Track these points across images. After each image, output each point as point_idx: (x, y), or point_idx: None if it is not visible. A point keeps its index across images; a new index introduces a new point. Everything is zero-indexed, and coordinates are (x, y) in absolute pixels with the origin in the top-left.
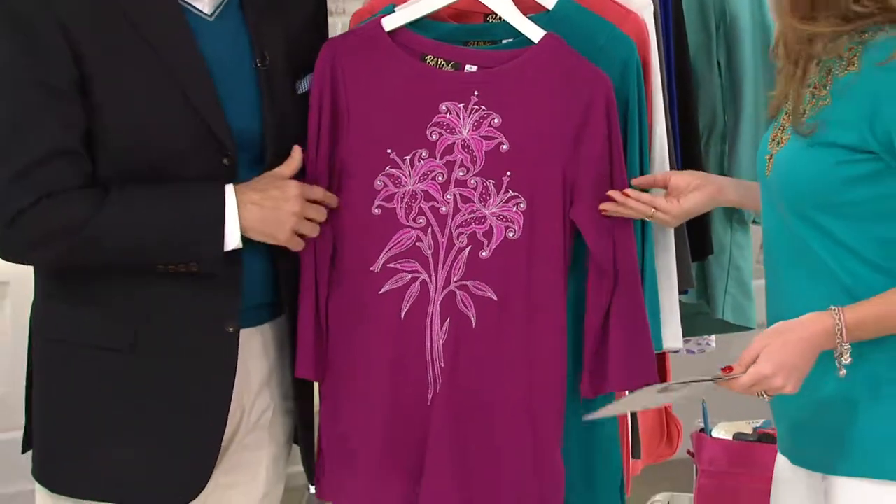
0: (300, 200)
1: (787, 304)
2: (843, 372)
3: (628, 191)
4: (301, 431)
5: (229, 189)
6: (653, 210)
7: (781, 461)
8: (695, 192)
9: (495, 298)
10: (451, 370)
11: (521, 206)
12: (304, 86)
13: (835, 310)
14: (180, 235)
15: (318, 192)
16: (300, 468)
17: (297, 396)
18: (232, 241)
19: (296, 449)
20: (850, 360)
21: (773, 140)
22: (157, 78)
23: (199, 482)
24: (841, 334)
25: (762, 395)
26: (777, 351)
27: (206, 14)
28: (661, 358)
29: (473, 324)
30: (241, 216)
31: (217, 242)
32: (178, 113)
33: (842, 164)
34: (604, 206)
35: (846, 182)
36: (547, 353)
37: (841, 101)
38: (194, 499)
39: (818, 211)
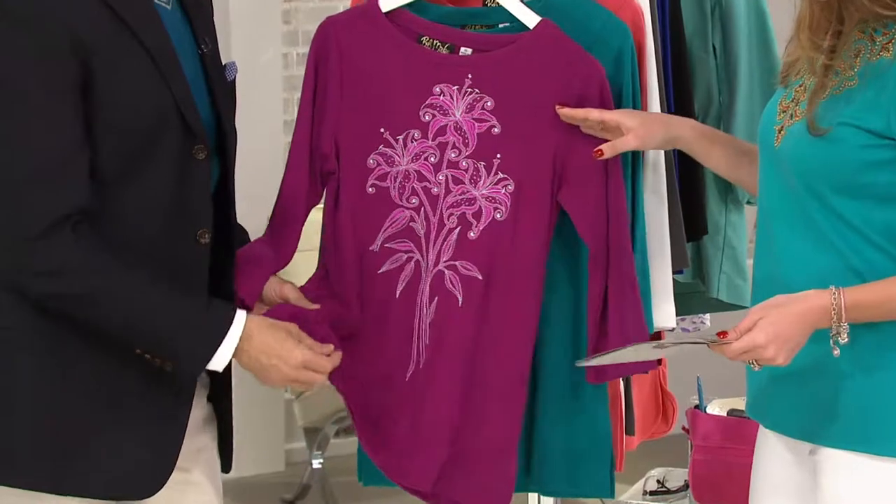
0: (300, 371)
1: (783, 268)
2: (836, 352)
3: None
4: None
5: (239, 321)
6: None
7: (764, 431)
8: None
9: (480, 278)
10: (435, 348)
11: (509, 188)
12: (229, 74)
13: (835, 290)
14: (174, 336)
15: (323, 364)
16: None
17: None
18: (218, 364)
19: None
20: (846, 339)
21: (785, 111)
22: (144, 70)
23: (164, 473)
24: (837, 314)
25: (752, 364)
26: (773, 322)
27: (164, 3)
28: (657, 336)
29: (460, 303)
30: (237, 355)
31: (203, 360)
32: (162, 103)
33: (865, 147)
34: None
35: (866, 166)
36: (518, 329)
37: (870, 85)
38: (157, 491)
39: (832, 190)
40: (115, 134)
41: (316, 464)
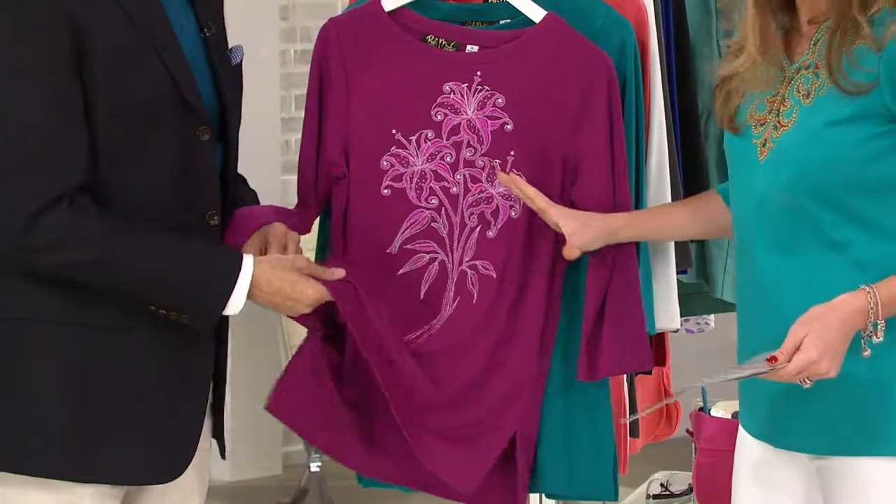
0: (314, 306)
1: (776, 294)
2: (867, 353)
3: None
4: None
5: (247, 263)
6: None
7: (748, 445)
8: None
9: (494, 276)
10: (439, 339)
11: None
12: (235, 57)
13: (868, 289)
14: (187, 285)
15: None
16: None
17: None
18: (233, 310)
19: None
20: (881, 338)
21: (763, 123)
22: (139, 50)
23: (184, 459)
24: (874, 313)
25: (804, 382)
26: (820, 335)
27: None
28: (660, 337)
29: (475, 300)
30: (251, 298)
31: (216, 310)
32: (161, 88)
33: (867, 139)
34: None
35: (873, 157)
36: (527, 326)
37: (857, 75)
38: (180, 475)
39: (844, 189)
40: (114, 113)
41: (314, 467)
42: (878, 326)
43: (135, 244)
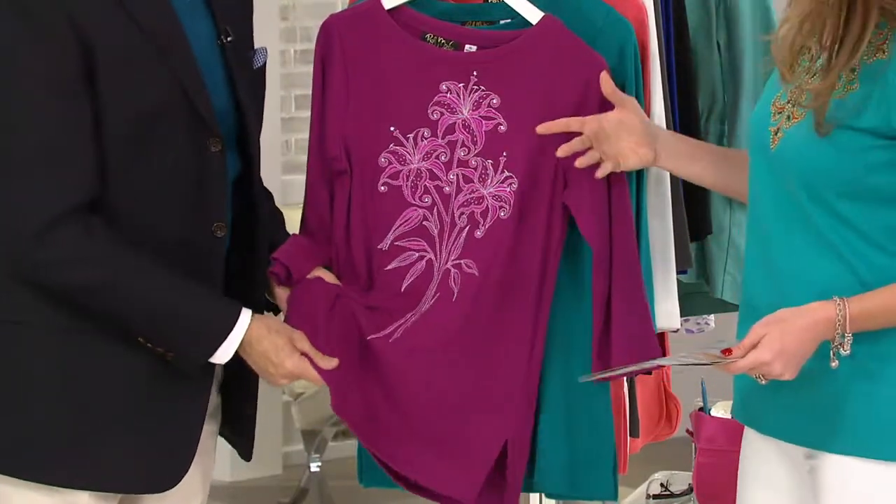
0: (289, 378)
1: (783, 279)
2: (835, 363)
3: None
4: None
5: (244, 319)
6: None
7: (750, 433)
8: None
9: (477, 274)
10: (413, 333)
11: (514, 186)
12: (258, 60)
13: (838, 300)
14: (179, 327)
15: (310, 375)
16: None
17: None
18: (220, 359)
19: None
20: (848, 351)
21: (780, 112)
22: (148, 59)
23: (180, 470)
24: (842, 326)
25: (759, 378)
26: (778, 338)
27: None
28: (660, 338)
29: (455, 297)
30: (239, 352)
31: (203, 357)
32: (169, 97)
33: (867, 149)
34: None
35: (870, 168)
36: (514, 328)
37: (867, 87)
38: (176, 484)
39: (837, 195)
40: (119, 120)
41: (314, 467)
42: (846, 339)
43: (139, 276)
